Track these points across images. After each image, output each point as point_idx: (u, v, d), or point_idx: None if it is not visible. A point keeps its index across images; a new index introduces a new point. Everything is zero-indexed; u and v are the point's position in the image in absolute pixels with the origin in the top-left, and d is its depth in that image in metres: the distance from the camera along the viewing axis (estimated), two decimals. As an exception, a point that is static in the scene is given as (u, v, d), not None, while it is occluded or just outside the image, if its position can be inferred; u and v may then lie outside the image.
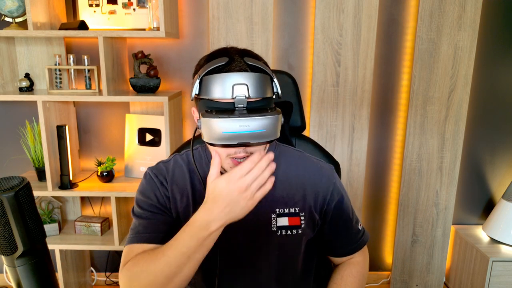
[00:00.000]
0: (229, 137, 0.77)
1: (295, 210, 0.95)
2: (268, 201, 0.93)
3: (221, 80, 0.78)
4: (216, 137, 0.77)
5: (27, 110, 2.08)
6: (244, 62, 0.82)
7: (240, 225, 0.92)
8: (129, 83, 1.98)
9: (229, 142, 0.77)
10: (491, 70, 2.11)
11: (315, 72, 1.99)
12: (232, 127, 0.76)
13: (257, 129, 0.77)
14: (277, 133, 0.80)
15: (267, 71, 0.83)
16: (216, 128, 0.77)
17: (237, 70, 0.80)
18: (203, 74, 0.81)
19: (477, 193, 2.27)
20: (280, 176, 0.96)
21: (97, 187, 1.92)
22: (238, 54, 0.84)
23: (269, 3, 1.92)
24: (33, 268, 0.88)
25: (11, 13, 1.84)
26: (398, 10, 2.03)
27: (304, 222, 0.95)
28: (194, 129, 2.15)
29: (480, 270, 2.02)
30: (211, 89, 0.79)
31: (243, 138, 0.77)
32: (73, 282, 2.11)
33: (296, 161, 0.99)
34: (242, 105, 0.78)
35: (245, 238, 0.94)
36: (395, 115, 2.16)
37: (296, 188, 0.96)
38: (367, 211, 2.28)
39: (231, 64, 0.81)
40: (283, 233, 0.94)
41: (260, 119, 0.77)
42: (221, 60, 0.81)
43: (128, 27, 1.98)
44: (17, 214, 0.85)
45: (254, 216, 0.92)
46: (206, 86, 0.80)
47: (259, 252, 0.95)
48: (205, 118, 0.77)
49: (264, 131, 0.78)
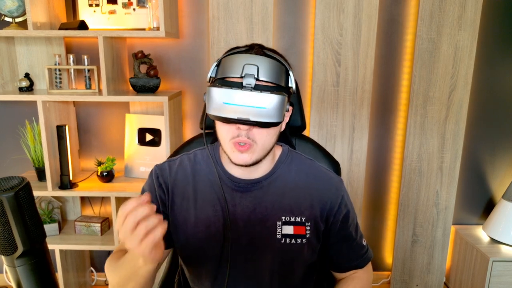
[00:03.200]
0: (229, 108, 0.78)
1: (301, 219, 0.93)
2: (275, 208, 0.92)
3: (234, 60, 0.81)
4: (217, 107, 0.78)
5: (27, 110, 2.07)
6: (261, 49, 0.84)
7: (245, 230, 0.92)
8: (129, 83, 1.98)
9: (228, 114, 0.78)
10: (491, 70, 2.11)
11: (315, 72, 1.99)
12: (233, 98, 0.77)
13: (258, 105, 0.77)
14: (280, 116, 0.80)
15: (284, 63, 0.84)
16: (217, 98, 0.78)
17: (253, 53, 0.83)
18: (221, 58, 0.84)
19: (477, 193, 2.27)
20: (289, 183, 0.95)
21: (97, 187, 1.92)
22: (259, 46, 0.87)
23: (269, 3, 1.92)
24: (33, 268, 0.88)
25: (11, 13, 1.84)
26: (398, 10, 2.03)
27: (309, 232, 0.94)
28: (194, 129, 2.15)
29: (480, 270, 2.02)
30: (224, 69, 0.82)
31: (243, 113, 0.78)
32: (73, 282, 2.11)
33: (307, 169, 0.98)
34: (250, 84, 0.78)
35: (249, 243, 0.93)
36: (395, 115, 2.15)
37: (304, 197, 0.94)
38: (367, 211, 2.27)
39: (249, 50, 0.84)
40: (287, 241, 0.92)
41: (263, 95, 0.77)
42: (241, 48, 0.85)
43: (128, 27, 1.98)
44: (17, 214, 0.85)
45: (260, 222, 0.92)
46: (221, 67, 0.83)
47: (262, 258, 0.94)
48: (211, 87, 0.79)
49: (265, 109, 0.78)
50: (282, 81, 0.82)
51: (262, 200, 0.92)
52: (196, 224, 0.93)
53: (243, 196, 0.92)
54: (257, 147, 0.85)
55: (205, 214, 0.92)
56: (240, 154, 0.85)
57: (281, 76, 0.82)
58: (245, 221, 0.92)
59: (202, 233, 0.92)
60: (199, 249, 0.94)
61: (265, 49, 0.86)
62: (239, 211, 0.92)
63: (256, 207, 0.92)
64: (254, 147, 0.85)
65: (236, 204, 0.92)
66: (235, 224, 0.92)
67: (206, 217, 0.92)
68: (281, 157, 0.97)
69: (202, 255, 0.94)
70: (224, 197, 0.90)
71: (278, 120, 0.80)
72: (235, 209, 0.92)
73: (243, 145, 0.84)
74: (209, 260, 0.94)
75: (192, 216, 0.93)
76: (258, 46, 0.86)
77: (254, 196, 0.92)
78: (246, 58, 0.79)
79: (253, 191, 0.93)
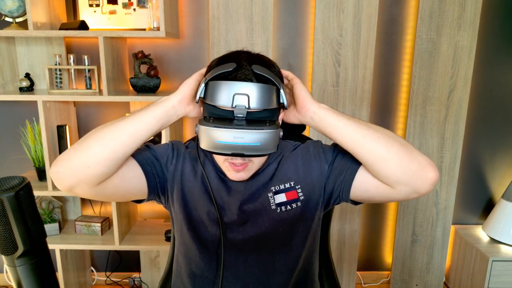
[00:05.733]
0: (223, 146, 0.78)
1: (290, 184, 0.95)
2: (265, 185, 0.95)
3: (223, 87, 0.79)
4: (211, 145, 0.79)
5: (28, 110, 2.08)
6: (251, 70, 0.82)
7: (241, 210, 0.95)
8: (129, 83, 1.98)
9: (223, 151, 0.79)
10: (491, 70, 2.11)
11: (315, 72, 1.99)
12: (226, 138, 0.77)
13: (252, 142, 0.78)
14: (274, 147, 0.81)
15: (275, 81, 0.82)
16: (211, 137, 0.78)
17: (242, 79, 0.80)
18: (209, 79, 0.81)
19: (477, 193, 2.27)
20: (277, 171, 0.97)
21: (97, 187, 1.92)
22: (248, 61, 0.84)
23: (269, 3, 1.92)
24: (33, 268, 0.89)
25: (11, 13, 1.84)
26: (398, 10, 2.03)
27: (302, 194, 0.95)
28: (194, 129, 2.16)
29: (480, 270, 2.02)
30: (213, 95, 0.80)
31: (237, 149, 0.78)
32: (73, 281, 2.12)
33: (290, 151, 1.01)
34: (241, 115, 0.78)
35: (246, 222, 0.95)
36: (395, 115, 2.16)
37: (289, 164, 0.97)
38: (367, 211, 2.28)
39: (238, 72, 0.81)
40: (282, 209, 0.94)
41: (256, 133, 0.77)
42: (229, 66, 0.82)
43: (128, 27, 1.98)
44: (18, 214, 0.85)
45: (254, 200, 0.95)
46: (210, 91, 0.81)
47: (262, 234, 0.96)
48: (202, 125, 0.79)
49: (259, 145, 0.78)
50: (274, 103, 0.82)
51: (254, 183, 0.96)
52: (199, 199, 0.96)
53: (235, 184, 0.96)
54: (253, 165, 0.89)
55: (206, 194, 0.96)
56: (236, 173, 0.89)
57: (272, 98, 0.81)
58: (241, 203, 0.95)
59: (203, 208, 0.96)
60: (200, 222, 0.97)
61: (254, 61, 0.84)
62: (233, 196, 0.95)
63: (249, 190, 0.95)
64: (250, 165, 0.89)
65: (231, 191, 0.96)
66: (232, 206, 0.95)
67: (207, 197, 0.96)
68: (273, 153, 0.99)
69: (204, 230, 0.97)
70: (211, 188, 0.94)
71: (272, 150, 0.81)
72: (230, 194, 0.95)
73: (239, 165, 0.87)
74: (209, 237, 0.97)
75: (198, 189, 0.96)
76: (247, 63, 0.83)
77: (248, 184, 0.96)
78: (236, 86, 0.78)
79: (247, 181, 0.96)
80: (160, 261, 2.18)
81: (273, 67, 0.88)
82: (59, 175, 0.80)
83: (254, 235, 0.96)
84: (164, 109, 0.85)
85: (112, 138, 0.81)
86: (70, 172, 0.80)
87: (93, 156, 0.79)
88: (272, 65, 0.88)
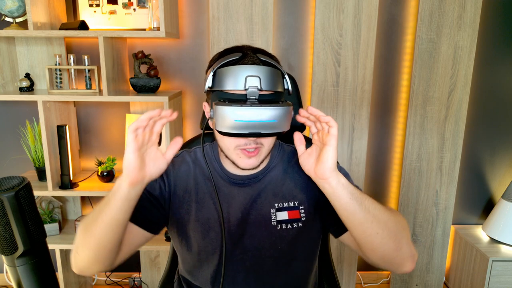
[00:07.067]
0: (240, 125, 0.79)
1: (294, 203, 0.96)
2: (269, 197, 0.95)
3: (234, 72, 0.81)
4: (228, 125, 0.79)
5: (28, 110, 2.08)
6: (257, 57, 0.85)
7: (242, 222, 0.95)
8: (129, 83, 1.98)
9: (240, 131, 0.79)
10: (491, 70, 2.11)
11: (315, 72, 1.99)
12: (244, 116, 0.78)
13: (268, 119, 0.79)
14: (288, 125, 0.83)
15: (279, 67, 0.85)
16: (228, 116, 0.78)
17: (250, 63, 0.83)
18: (217, 68, 0.83)
19: (477, 193, 2.27)
20: (282, 173, 0.98)
21: (97, 187, 1.92)
22: (251, 50, 0.87)
23: (269, 3, 1.92)
24: (33, 268, 0.89)
25: (11, 13, 1.84)
26: (398, 10, 2.03)
27: (304, 215, 0.95)
28: (194, 129, 2.16)
29: (480, 270, 2.02)
30: (224, 81, 0.82)
31: (254, 127, 0.79)
32: (73, 281, 2.12)
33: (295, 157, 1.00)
34: (254, 96, 0.80)
35: (246, 233, 0.95)
36: (395, 115, 2.16)
37: (295, 182, 0.97)
38: (367, 211, 2.27)
39: (244, 59, 0.84)
40: (283, 227, 0.95)
41: (272, 109, 0.79)
42: (234, 55, 0.85)
43: (128, 27, 1.98)
44: (18, 214, 0.85)
45: (256, 213, 0.95)
46: (220, 78, 0.82)
47: (260, 247, 0.95)
48: (219, 106, 0.79)
49: (276, 122, 0.80)
50: (281, 87, 0.85)
51: (258, 192, 0.96)
52: (197, 216, 0.95)
53: (240, 189, 0.96)
54: (263, 149, 0.89)
55: (206, 208, 0.95)
56: (247, 160, 0.88)
57: (279, 82, 0.84)
58: (242, 213, 0.95)
59: (203, 225, 0.95)
60: (200, 239, 0.96)
61: (258, 52, 0.87)
62: (237, 204, 0.95)
63: (252, 199, 0.95)
64: (261, 149, 0.89)
65: (234, 197, 0.96)
66: (233, 216, 0.95)
67: (207, 211, 0.95)
68: (274, 151, 1.00)
69: (203, 247, 0.96)
70: (216, 192, 0.93)
71: (287, 128, 0.82)
72: (233, 202, 0.95)
73: (252, 151, 0.87)
74: (209, 252, 0.96)
75: (194, 208, 0.96)
76: (251, 51, 0.86)
77: (250, 189, 0.96)
78: (247, 69, 0.80)
79: (251, 185, 0.96)
80: (160, 261, 2.18)
81: (274, 57, 0.91)
82: (83, 274, 0.88)
83: (251, 249, 0.95)
84: (121, 196, 0.77)
85: (99, 237, 0.81)
86: (89, 272, 0.87)
87: (100, 254, 0.83)
88: (273, 56, 0.91)
